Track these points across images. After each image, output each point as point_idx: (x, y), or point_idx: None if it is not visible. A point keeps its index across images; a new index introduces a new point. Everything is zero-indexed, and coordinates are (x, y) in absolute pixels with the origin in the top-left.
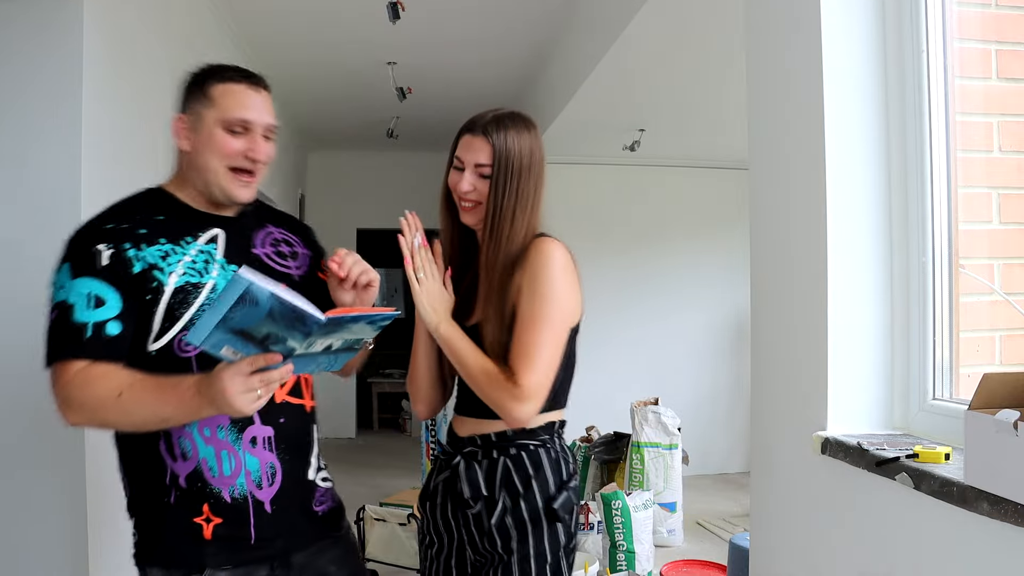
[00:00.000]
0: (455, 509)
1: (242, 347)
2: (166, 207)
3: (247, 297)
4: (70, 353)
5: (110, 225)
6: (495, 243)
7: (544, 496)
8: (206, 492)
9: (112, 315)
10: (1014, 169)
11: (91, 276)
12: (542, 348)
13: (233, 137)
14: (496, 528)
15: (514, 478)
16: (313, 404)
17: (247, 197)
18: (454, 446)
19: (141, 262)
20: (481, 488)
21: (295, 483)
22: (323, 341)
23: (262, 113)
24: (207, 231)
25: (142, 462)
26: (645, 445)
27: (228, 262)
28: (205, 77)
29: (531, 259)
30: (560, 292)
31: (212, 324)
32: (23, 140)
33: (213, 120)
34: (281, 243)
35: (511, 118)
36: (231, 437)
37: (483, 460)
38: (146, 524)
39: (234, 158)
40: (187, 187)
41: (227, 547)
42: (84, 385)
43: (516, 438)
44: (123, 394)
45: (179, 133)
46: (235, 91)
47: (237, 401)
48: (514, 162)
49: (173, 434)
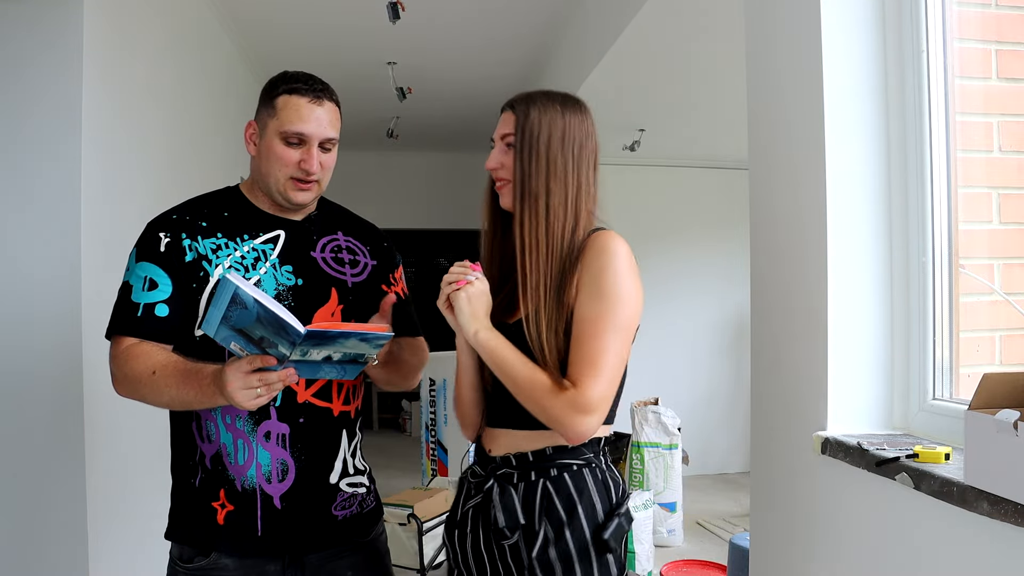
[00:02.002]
0: (488, 540)
1: (246, 345)
2: (234, 205)
3: (237, 300)
4: (122, 330)
5: (175, 216)
6: (532, 220)
7: (592, 524)
8: (225, 477)
9: (162, 298)
10: (1014, 169)
11: (150, 261)
12: (608, 354)
13: (289, 148)
14: (538, 562)
15: (556, 504)
16: (346, 409)
17: (305, 200)
18: (485, 467)
19: (193, 252)
20: (519, 516)
21: (312, 484)
22: (319, 351)
23: (320, 126)
24: (269, 232)
25: (181, 437)
26: (645, 445)
27: (282, 263)
28: (275, 86)
29: (591, 255)
30: (626, 292)
31: (217, 319)
32: (23, 140)
33: (273, 130)
34: (343, 250)
35: (545, 93)
36: (247, 428)
37: (519, 483)
38: (176, 500)
39: (291, 168)
40: (256, 189)
41: (235, 535)
42: (129, 360)
43: (557, 457)
44: (156, 373)
45: (248, 138)
46: (297, 104)
47: (237, 396)
48: (539, 132)
49: (202, 416)
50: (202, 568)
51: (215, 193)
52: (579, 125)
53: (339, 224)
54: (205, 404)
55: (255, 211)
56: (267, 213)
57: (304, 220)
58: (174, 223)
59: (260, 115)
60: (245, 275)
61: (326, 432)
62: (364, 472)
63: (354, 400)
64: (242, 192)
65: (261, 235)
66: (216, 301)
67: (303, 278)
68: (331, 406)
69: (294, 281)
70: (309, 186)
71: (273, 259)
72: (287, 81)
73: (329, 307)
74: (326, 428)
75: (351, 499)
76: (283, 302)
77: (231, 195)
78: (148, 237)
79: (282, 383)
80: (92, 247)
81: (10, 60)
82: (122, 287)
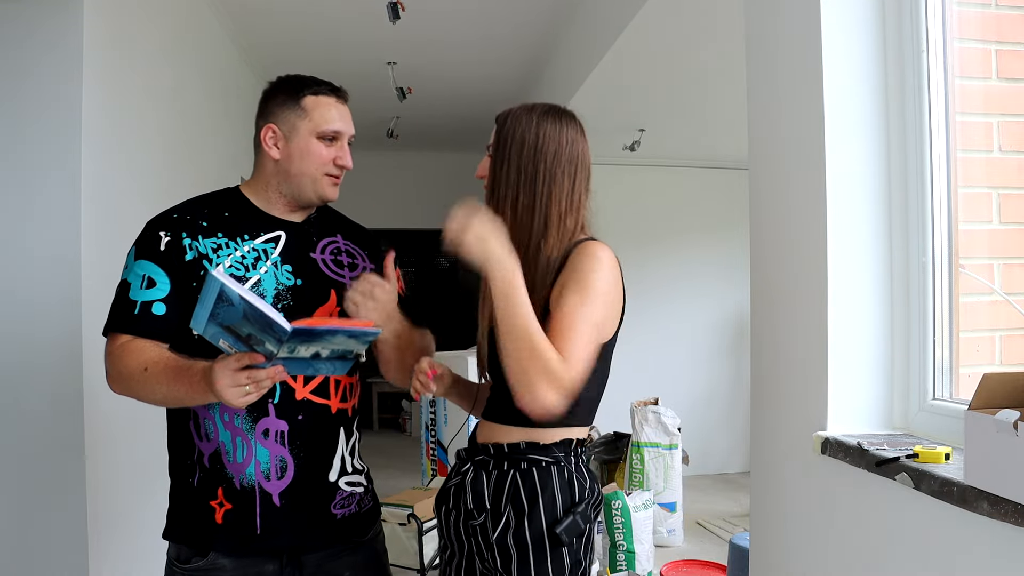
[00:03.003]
0: (460, 518)
1: (234, 343)
2: (234, 206)
3: (223, 297)
4: (118, 327)
5: (176, 215)
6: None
7: (550, 518)
8: (223, 475)
9: (160, 297)
10: (1014, 169)
11: (149, 259)
12: (580, 343)
13: (326, 146)
14: (497, 545)
15: (521, 494)
16: (343, 406)
17: (336, 195)
18: (469, 453)
19: (194, 251)
20: (485, 500)
21: (311, 482)
22: (306, 348)
23: (347, 124)
24: (269, 232)
25: (178, 437)
26: (645, 445)
27: (282, 262)
28: (297, 89)
29: (577, 259)
30: (604, 292)
31: (204, 317)
32: (23, 140)
33: (307, 131)
34: (343, 253)
35: (530, 105)
36: (245, 426)
37: (493, 471)
38: (174, 500)
39: (328, 165)
40: (264, 190)
41: (233, 534)
42: (123, 357)
43: (529, 452)
44: (148, 369)
45: (269, 142)
46: (327, 103)
47: (226, 393)
48: (511, 140)
49: (200, 415)
50: (199, 568)
51: (215, 193)
52: (555, 134)
53: (338, 227)
54: (197, 401)
55: (256, 212)
56: (268, 214)
57: (304, 222)
58: (175, 222)
59: (283, 118)
60: (245, 274)
61: (324, 429)
62: (362, 472)
63: (351, 398)
64: (243, 193)
65: (262, 235)
66: (203, 298)
67: (303, 278)
68: (329, 403)
69: (294, 281)
70: (339, 181)
71: (274, 258)
72: (309, 84)
73: (328, 308)
74: (324, 425)
75: (350, 498)
76: (282, 302)
77: (231, 196)
78: (148, 236)
79: (271, 381)
80: (92, 247)
81: (10, 60)
82: (120, 285)
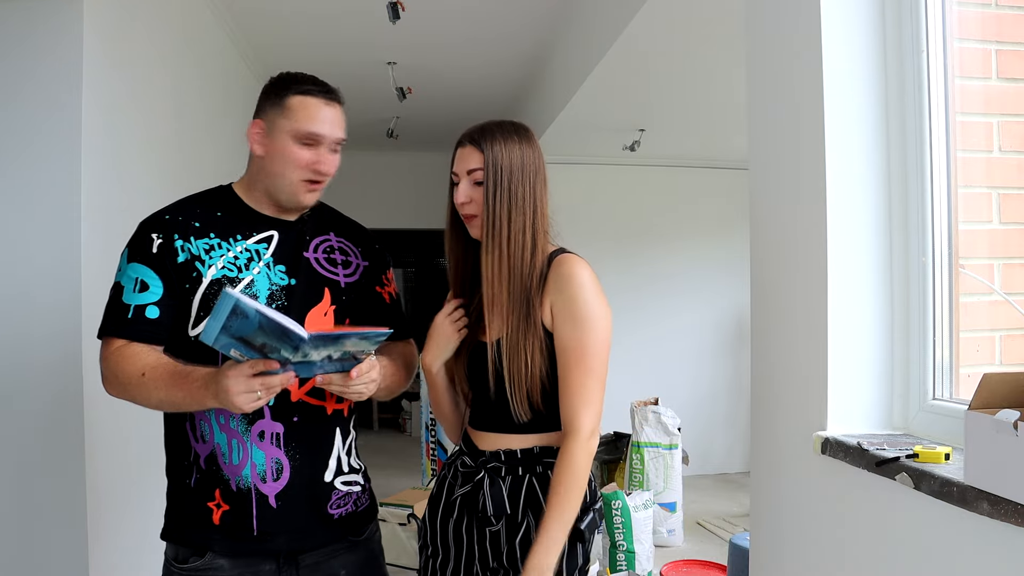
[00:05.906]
0: (472, 524)
1: (245, 351)
2: (227, 205)
3: (238, 311)
4: (113, 331)
5: (168, 216)
6: (496, 249)
7: None
8: (220, 477)
9: (153, 300)
10: (1014, 169)
11: (141, 262)
12: (594, 381)
13: (303, 149)
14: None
15: (539, 497)
16: (339, 407)
17: (312, 202)
18: (475, 459)
19: (186, 253)
20: (505, 506)
21: (307, 483)
22: (319, 352)
23: (333, 128)
24: (262, 232)
25: (175, 438)
26: (645, 445)
27: (276, 262)
28: (285, 86)
29: (561, 281)
30: (598, 315)
31: (216, 329)
32: (23, 140)
33: (286, 131)
34: (336, 251)
35: (499, 125)
36: (241, 428)
37: (507, 477)
38: (171, 501)
39: (304, 170)
40: (254, 189)
41: (230, 535)
42: (120, 361)
43: (543, 456)
44: (145, 374)
45: (254, 138)
46: (310, 104)
47: (238, 400)
48: (503, 164)
49: (196, 417)
50: (197, 568)
51: (207, 192)
52: (533, 154)
53: (331, 225)
54: (194, 407)
55: (248, 211)
56: (260, 213)
57: (297, 221)
58: (166, 223)
59: (268, 115)
60: (238, 275)
61: (320, 430)
62: (359, 471)
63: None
64: (235, 192)
65: (254, 235)
66: (216, 313)
67: (296, 278)
68: (324, 404)
69: (287, 281)
70: (319, 187)
71: (267, 258)
72: (298, 82)
73: (322, 307)
74: (320, 426)
75: (346, 497)
76: (276, 302)
77: (224, 195)
78: (140, 237)
79: (281, 385)
80: (92, 247)
81: (10, 60)
82: (114, 287)
